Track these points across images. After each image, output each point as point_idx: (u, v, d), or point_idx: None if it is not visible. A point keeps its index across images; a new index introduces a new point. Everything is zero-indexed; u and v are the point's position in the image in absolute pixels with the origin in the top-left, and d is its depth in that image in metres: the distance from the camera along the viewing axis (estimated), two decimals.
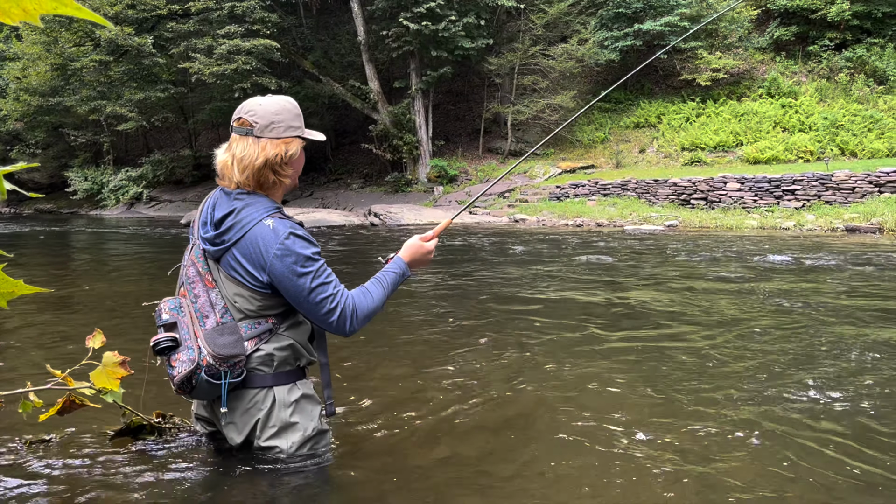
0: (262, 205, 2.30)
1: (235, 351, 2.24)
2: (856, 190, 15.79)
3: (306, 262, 2.24)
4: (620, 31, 25.81)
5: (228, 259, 2.29)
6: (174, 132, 40.39)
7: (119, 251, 13.32)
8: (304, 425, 2.39)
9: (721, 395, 3.49)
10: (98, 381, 2.50)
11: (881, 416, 3.17)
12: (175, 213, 29.66)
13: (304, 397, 2.41)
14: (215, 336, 2.25)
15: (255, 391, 2.33)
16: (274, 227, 2.24)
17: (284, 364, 2.36)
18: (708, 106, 25.57)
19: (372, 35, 27.53)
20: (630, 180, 20.09)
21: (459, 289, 7.39)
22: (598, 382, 3.74)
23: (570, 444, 2.85)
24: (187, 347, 2.26)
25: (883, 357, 4.21)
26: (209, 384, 2.25)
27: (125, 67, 29.22)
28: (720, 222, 15.71)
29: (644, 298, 6.49)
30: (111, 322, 5.64)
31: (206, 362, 2.22)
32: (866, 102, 23.26)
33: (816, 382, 3.71)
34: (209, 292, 2.32)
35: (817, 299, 6.26)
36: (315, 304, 2.26)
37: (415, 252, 2.61)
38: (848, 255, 9.62)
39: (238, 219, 2.27)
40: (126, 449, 2.71)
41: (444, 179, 26.23)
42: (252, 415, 2.34)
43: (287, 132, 2.34)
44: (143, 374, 3.75)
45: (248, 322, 2.30)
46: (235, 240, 2.26)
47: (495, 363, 4.21)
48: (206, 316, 2.29)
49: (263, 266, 2.23)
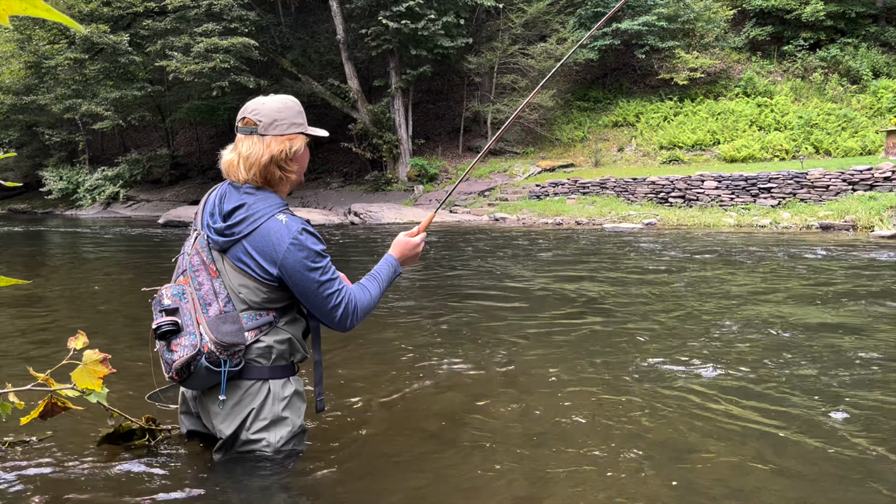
0: (272, 200, 2.36)
1: (237, 339, 2.28)
2: (830, 188, 16.03)
3: (316, 258, 2.31)
4: (599, 30, 25.95)
5: (237, 251, 2.33)
6: (151, 131, 40.00)
7: (96, 251, 13.17)
8: (293, 421, 2.43)
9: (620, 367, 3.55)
10: (79, 380, 2.47)
11: (732, 370, 3.25)
12: (152, 213, 29.37)
13: (296, 393, 2.45)
14: (219, 323, 2.28)
15: (251, 383, 2.36)
16: (287, 222, 2.30)
17: (280, 358, 2.40)
18: (685, 105, 25.82)
19: (351, 33, 27.45)
20: (609, 179, 20.23)
21: (432, 283, 7.42)
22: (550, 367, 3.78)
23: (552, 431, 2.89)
24: (189, 333, 2.29)
25: (770, 331, 4.32)
26: (208, 371, 2.28)
27: (101, 65, 28.89)
28: (698, 220, 15.87)
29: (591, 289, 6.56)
30: (91, 322, 5.59)
31: (208, 349, 2.25)
32: (840, 101, 23.63)
33: (683, 356, 3.92)
34: (213, 281, 2.35)
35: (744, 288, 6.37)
36: (322, 298, 2.34)
37: (403, 248, 2.67)
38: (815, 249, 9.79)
39: (250, 212, 2.32)
40: (114, 453, 2.69)
41: (425, 178, 26.24)
42: (245, 405, 2.37)
43: (290, 129, 2.40)
44: (134, 376, 3.72)
45: (250, 313, 2.35)
46: (247, 233, 2.31)
47: (451, 351, 4.24)
48: (209, 304, 2.33)
49: (275, 260, 2.29)
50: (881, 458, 2.65)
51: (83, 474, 2.47)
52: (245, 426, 2.37)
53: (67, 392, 2.45)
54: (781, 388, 3.54)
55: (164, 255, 12.06)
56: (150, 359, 4.33)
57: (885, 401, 3.33)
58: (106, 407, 2.59)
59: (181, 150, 37.90)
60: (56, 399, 2.46)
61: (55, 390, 2.47)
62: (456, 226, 18.19)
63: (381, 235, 15.79)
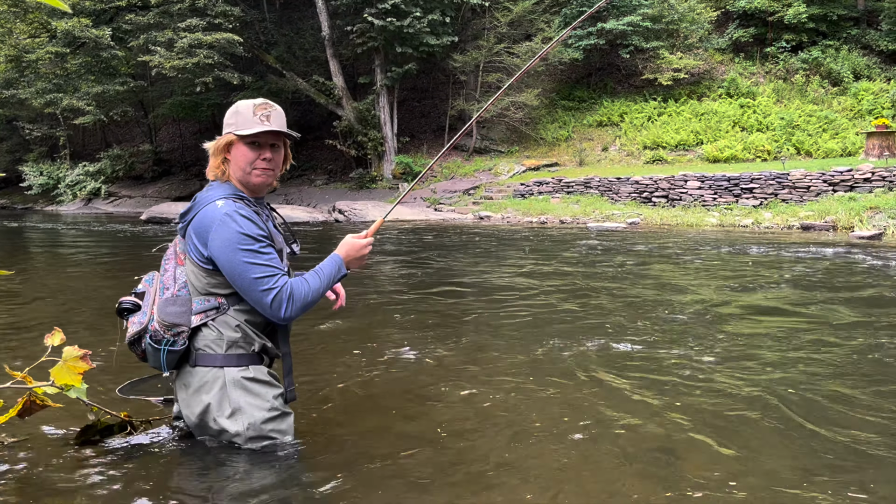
0: (222, 189, 2.51)
1: (179, 321, 2.40)
2: (811, 188, 16.19)
3: (244, 240, 2.38)
4: (584, 29, 26.03)
5: (188, 237, 2.49)
6: (133, 126, 39.60)
7: (75, 246, 13.03)
8: (259, 408, 2.46)
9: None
10: (59, 377, 2.45)
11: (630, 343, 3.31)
12: (135, 209, 29.09)
13: (255, 381, 2.47)
14: (166, 305, 2.43)
15: (206, 370, 2.44)
16: (222, 206, 2.42)
17: (236, 346, 2.46)
18: (669, 105, 25.96)
19: (336, 30, 27.34)
20: (593, 178, 20.30)
21: (410, 277, 7.43)
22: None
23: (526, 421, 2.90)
24: (142, 312, 2.47)
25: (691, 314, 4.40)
26: (153, 350, 2.41)
27: (82, 60, 28.56)
28: (681, 220, 15.97)
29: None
30: (68, 318, 5.53)
31: (153, 328, 2.40)
32: (821, 103, 23.86)
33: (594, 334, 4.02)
34: (176, 268, 2.52)
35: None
36: (250, 281, 2.38)
37: (349, 249, 2.67)
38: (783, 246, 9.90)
39: (197, 200, 2.51)
40: (92, 447, 2.67)
41: (409, 176, 26.20)
42: (203, 393, 2.44)
43: (226, 129, 2.57)
44: (118, 370, 3.69)
45: (199, 298, 2.46)
46: (190, 218, 2.48)
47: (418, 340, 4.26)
48: (167, 288, 2.48)
49: (206, 241, 2.40)
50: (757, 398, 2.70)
51: (58, 472, 2.45)
52: (209, 414, 2.45)
53: (46, 389, 2.42)
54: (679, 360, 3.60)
55: (145, 251, 11.97)
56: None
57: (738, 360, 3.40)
58: (85, 402, 2.57)
59: (164, 145, 37.56)
60: (35, 397, 2.43)
61: (33, 388, 2.44)
62: (440, 224, 18.19)
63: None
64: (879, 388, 3.57)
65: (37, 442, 2.74)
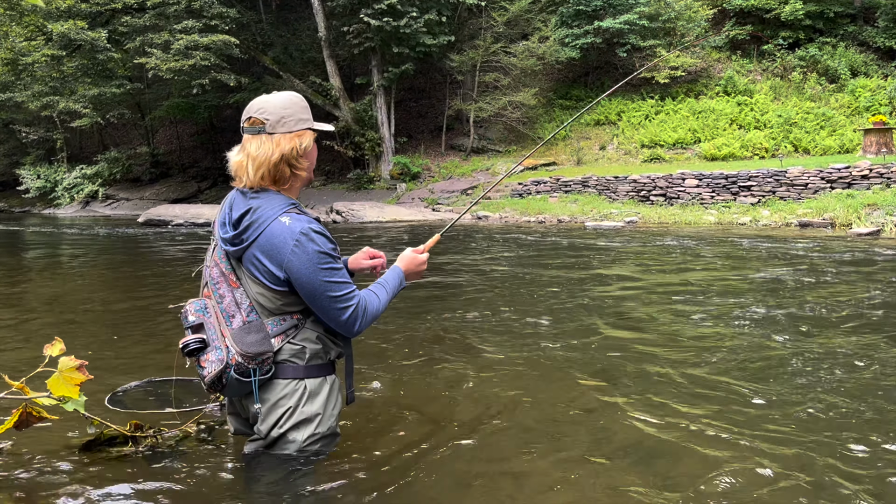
0: (277, 202, 2.34)
1: (263, 349, 2.28)
2: (808, 186, 16.19)
3: (323, 259, 2.27)
4: (580, 28, 26.01)
5: (249, 258, 2.32)
6: (131, 129, 39.56)
7: (75, 250, 13.01)
8: (325, 422, 2.43)
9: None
10: (55, 388, 2.43)
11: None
12: (132, 212, 29.05)
13: (331, 393, 2.45)
14: (242, 335, 2.29)
15: (287, 382, 2.36)
16: (290, 223, 2.27)
17: (316, 357, 2.40)
18: (667, 103, 25.95)
19: (333, 31, 27.31)
20: (591, 177, 20.29)
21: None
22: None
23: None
24: (215, 347, 2.31)
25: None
26: (239, 382, 2.30)
27: (78, 62, 28.50)
28: (679, 218, 15.97)
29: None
30: (69, 327, 5.51)
31: (235, 361, 2.27)
32: (818, 100, 23.86)
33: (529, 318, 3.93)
34: (234, 292, 2.35)
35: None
36: (329, 300, 2.30)
37: (410, 263, 2.68)
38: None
39: (255, 217, 2.29)
40: (96, 460, 2.63)
41: (407, 176, 26.18)
42: (282, 405, 2.37)
43: (299, 125, 2.40)
44: (122, 377, 3.67)
45: (274, 319, 2.34)
46: (254, 238, 2.29)
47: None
48: (232, 315, 2.33)
49: (281, 263, 2.26)
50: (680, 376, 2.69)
51: (62, 484, 2.42)
52: (278, 424, 2.37)
53: (43, 401, 2.40)
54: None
55: (142, 254, 11.94)
56: (131, 359, 4.29)
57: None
58: (85, 415, 2.54)
59: (161, 147, 37.50)
60: (31, 409, 2.40)
61: (31, 399, 2.42)
62: (438, 224, 18.18)
63: (363, 234, 15.74)
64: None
65: (35, 454, 2.72)
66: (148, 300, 6.76)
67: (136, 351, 4.66)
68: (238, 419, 2.60)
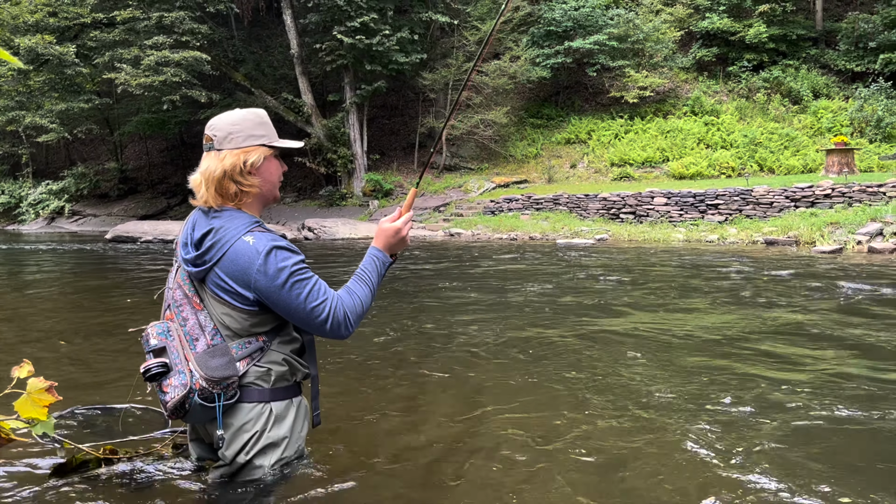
0: (240, 220, 2.29)
1: (228, 373, 2.22)
2: (774, 204, 16.52)
3: (291, 274, 2.22)
4: (551, 48, 26.40)
5: (213, 279, 2.26)
6: (99, 144, 39.07)
7: (39, 268, 12.77)
8: (291, 448, 2.38)
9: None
10: (23, 410, 2.39)
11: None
12: (100, 228, 28.62)
13: (297, 415, 2.41)
14: (207, 358, 2.22)
15: (252, 405, 2.30)
16: (254, 243, 2.22)
17: (282, 379, 2.35)
18: (636, 123, 26.37)
19: (305, 48, 27.36)
20: (562, 195, 20.50)
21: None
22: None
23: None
24: (178, 372, 2.24)
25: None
26: (203, 407, 2.23)
27: (46, 77, 28.14)
28: (648, 236, 16.18)
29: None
30: (32, 347, 5.41)
31: (199, 385, 2.20)
32: (782, 121, 24.44)
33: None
34: (198, 314, 2.29)
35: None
36: (307, 313, 2.25)
37: (386, 236, 2.55)
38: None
39: (218, 237, 2.24)
40: (68, 484, 2.56)
41: (380, 193, 26.21)
42: (247, 430, 2.30)
43: (247, 141, 2.36)
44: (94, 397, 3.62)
45: (239, 342, 2.28)
46: (217, 259, 2.24)
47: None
48: (196, 339, 2.27)
49: (248, 283, 2.21)
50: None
51: None
52: (244, 450, 2.30)
53: (11, 423, 2.36)
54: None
55: (110, 272, 11.78)
56: (88, 384, 4.23)
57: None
58: (53, 438, 2.49)
59: (130, 163, 37.06)
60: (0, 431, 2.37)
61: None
62: (412, 240, 18.15)
63: (335, 250, 15.69)
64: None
65: (2, 479, 2.66)
66: (116, 318, 6.67)
67: (95, 375, 4.55)
68: (201, 445, 2.54)
